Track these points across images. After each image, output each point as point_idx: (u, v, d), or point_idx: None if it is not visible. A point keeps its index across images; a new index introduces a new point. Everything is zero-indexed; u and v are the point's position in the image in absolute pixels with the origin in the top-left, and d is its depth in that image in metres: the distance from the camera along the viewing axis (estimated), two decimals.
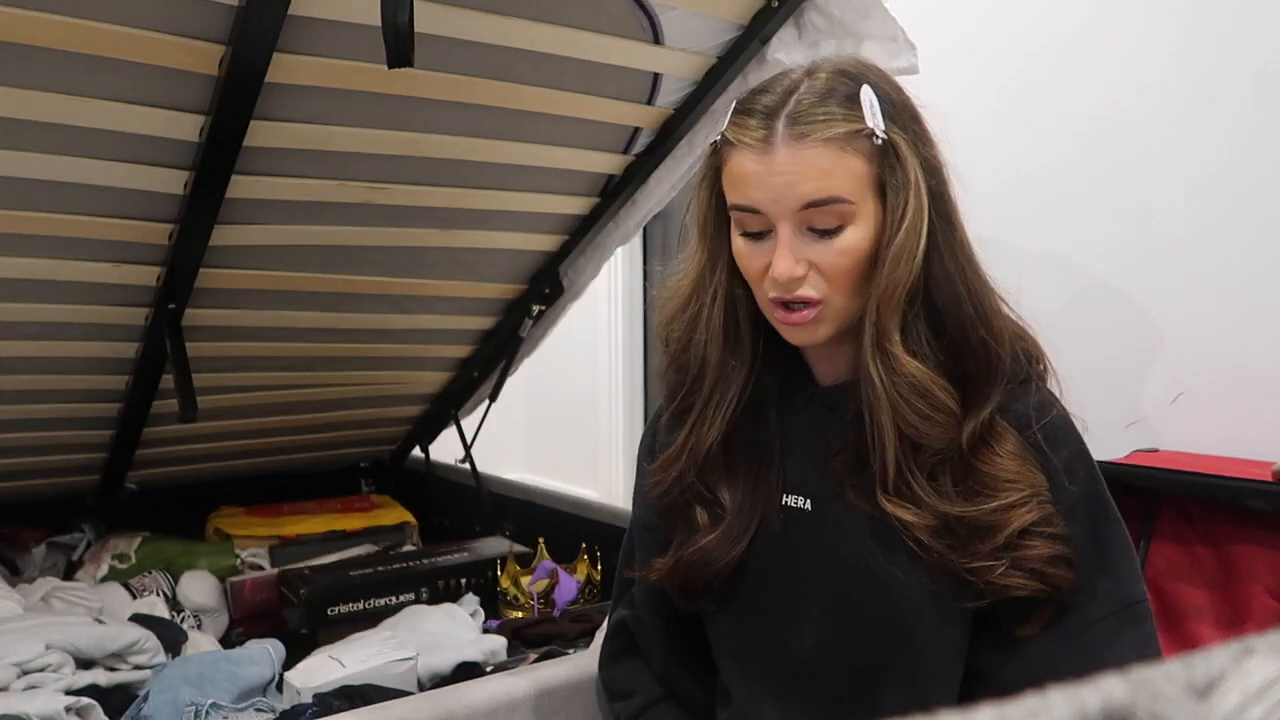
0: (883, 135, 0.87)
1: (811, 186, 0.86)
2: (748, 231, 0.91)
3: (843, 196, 0.86)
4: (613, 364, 3.21)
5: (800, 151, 0.86)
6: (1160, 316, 1.76)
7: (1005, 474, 0.88)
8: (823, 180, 0.86)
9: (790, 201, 0.86)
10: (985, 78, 1.94)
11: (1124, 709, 0.24)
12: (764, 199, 0.87)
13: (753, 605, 1.00)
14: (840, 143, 0.86)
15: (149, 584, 1.87)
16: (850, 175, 0.86)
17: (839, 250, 0.88)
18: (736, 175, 0.89)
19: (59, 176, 1.35)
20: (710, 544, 0.98)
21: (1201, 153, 1.70)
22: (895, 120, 0.88)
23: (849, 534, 0.93)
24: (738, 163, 0.89)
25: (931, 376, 0.88)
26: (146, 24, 1.18)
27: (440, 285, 1.87)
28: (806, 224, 0.87)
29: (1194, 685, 0.24)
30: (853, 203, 0.87)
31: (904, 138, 0.88)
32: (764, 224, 0.89)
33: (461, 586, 1.89)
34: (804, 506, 0.97)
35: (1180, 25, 1.72)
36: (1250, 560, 1.51)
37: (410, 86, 1.38)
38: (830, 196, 0.86)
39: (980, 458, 0.88)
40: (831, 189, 0.86)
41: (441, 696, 1.20)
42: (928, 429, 0.87)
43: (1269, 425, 1.61)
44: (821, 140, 0.86)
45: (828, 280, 0.88)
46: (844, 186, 0.86)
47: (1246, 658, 0.24)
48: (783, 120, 0.87)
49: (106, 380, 1.82)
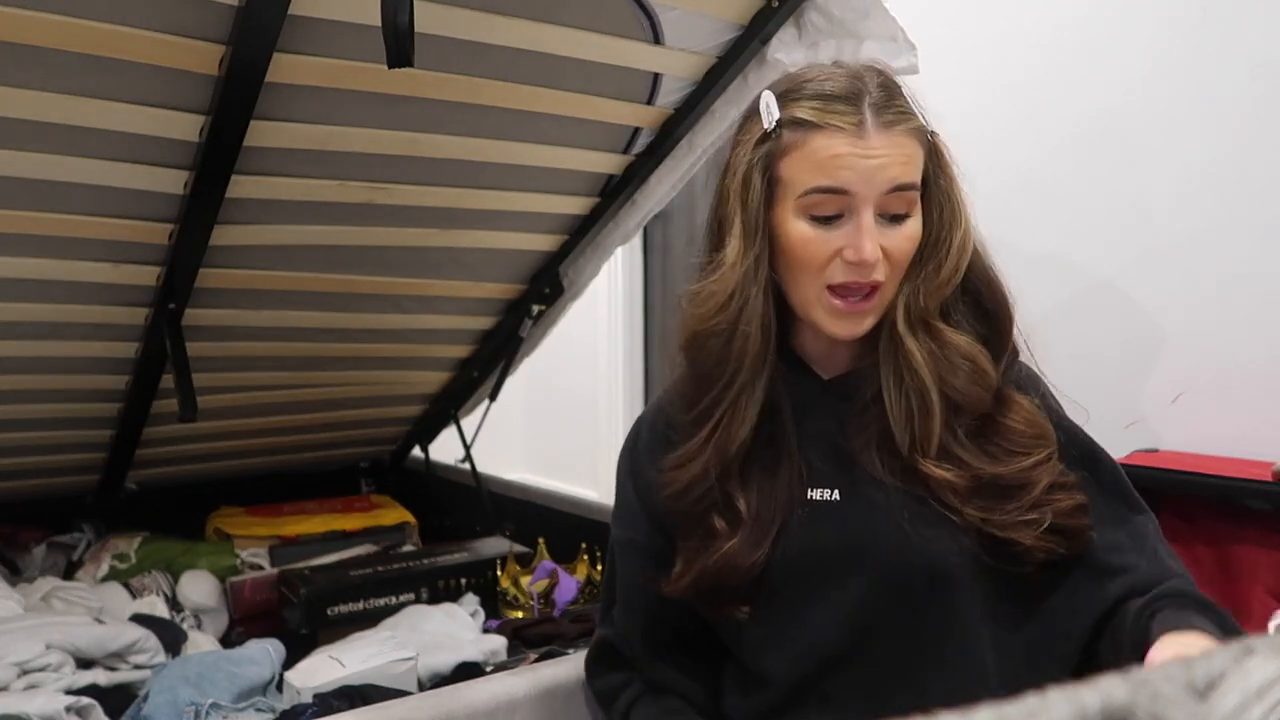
0: (933, 131, 0.95)
1: (900, 170, 0.91)
2: (818, 216, 0.92)
3: (918, 184, 0.94)
4: (613, 364, 3.21)
5: (892, 137, 0.91)
6: (1160, 316, 1.76)
7: (1032, 430, 0.95)
8: (909, 165, 0.92)
9: (881, 184, 0.90)
10: (985, 77, 1.94)
11: (1124, 709, 0.24)
12: (856, 179, 0.90)
13: (787, 602, 0.99)
14: (917, 135, 0.93)
15: (149, 584, 1.87)
16: (920, 165, 0.94)
17: (906, 236, 0.93)
18: (824, 156, 0.91)
19: (59, 176, 1.35)
20: (733, 549, 0.97)
21: (1201, 152, 1.70)
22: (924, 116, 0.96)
23: (884, 513, 0.96)
24: (825, 144, 0.91)
25: (971, 343, 0.95)
26: (146, 24, 1.18)
27: (440, 285, 1.87)
28: (884, 210, 0.92)
29: (1194, 685, 0.24)
30: (918, 189, 0.94)
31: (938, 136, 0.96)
32: (842, 207, 0.91)
33: (461, 586, 1.89)
34: (832, 498, 0.99)
35: (1180, 24, 1.72)
36: (1250, 560, 1.51)
37: (410, 86, 1.38)
38: (912, 182, 0.93)
39: (1009, 417, 0.96)
40: (913, 175, 0.93)
41: (441, 696, 1.20)
42: (972, 392, 0.94)
43: (1269, 425, 1.61)
44: (907, 130, 0.92)
45: (891, 266, 0.94)
46: (918, 175, 0.94)
47: (1246, 658, 0.24)
48: (870, 108, 0.91)
49: (106, 380, 1.82)
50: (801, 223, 0.92)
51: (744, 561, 0.97)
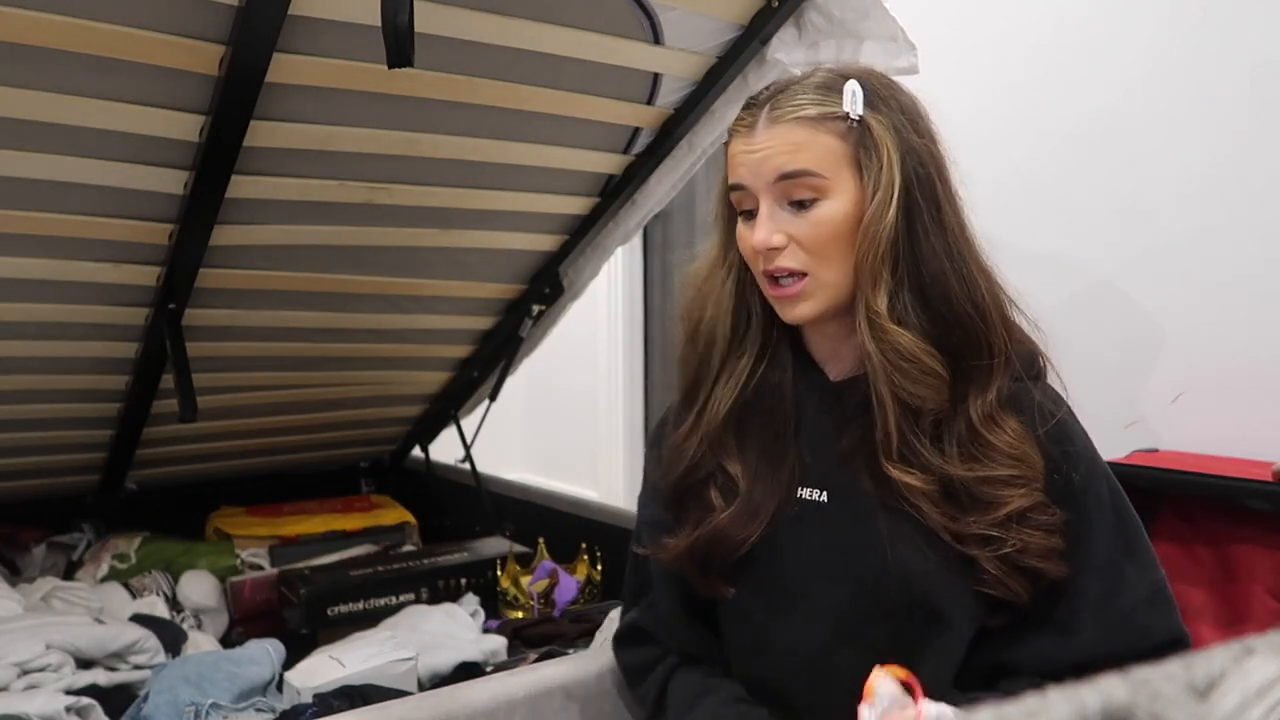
0: (857, 117, 0.94)
1: (783, 159, 0.94)
2: (742, 211, 0.99)
3: (813, 170, 0.94)
4: (613, 364, 3.21)
5: (776, 129, 0.95)
6: (1160, 316, 1.76)
7: (1006, 447, 0.93)
8: (794, 154, 0.94)
9: (766, 174, 0.95)
10: (985, 77, 1.94)
11: (1124, 709, 0.24)
12: (747, 174, 0.96)
13: (765, 597, 1.01)
14: (812, 122, 0.94)
15: (149, 584, 1.87)
16: (823, 151, 0.94)
17: (813, 222, 0.94)
18: (729, 158, 0.99)
19: (59, 176, 1.35)
20: (726, 521, 1.00)
21: (1202, 152, 1.70)
22: (879, 109, 0.95)
23: (866, 523, 0.96)
24: (732, 146, 0.99)
25: (916, 341, 0.93)
26: (146, 24, 1.18)
27: (440, 285, 1.87)
28: (784, 197, 0.95)
29: (1194, 685, 0.24)
30: (825, 176, 0.94)
31: (885, 124, 0.94)
32: (752, 201, 0.97)
33: (461, 586, 1.89)
34: (820, 499, 1.00)
35: (1180, 25, 1.72)
36: (1250, 560, 1.51)
37: (410, 86, 1.38)
38: (800, 169, 0.94)
39: (985, 428, 0.94)
40: (801, 162, 0.94)
41: (441, 696, 1.20)
42: (919, 391, 0.93)
43: (1269, 425, 1.61)
44: (794, 119, 0.94)
45: (807, 252, 0.95)
46: (815, 161, 0.94)
47: (1246, 658, 0.24)
48: (767, 106, 0.97)
49: (106, 380, 1.82)
50: (739, 219, 1.00)
51: (734, 535, 1.00)
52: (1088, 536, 0.95)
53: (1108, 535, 0.95)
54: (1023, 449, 0.93)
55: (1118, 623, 0.94)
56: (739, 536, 1.00)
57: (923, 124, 0.97)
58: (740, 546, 1.00)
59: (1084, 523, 0.95)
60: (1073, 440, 0.96)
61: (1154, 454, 1.66)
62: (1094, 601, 0.94)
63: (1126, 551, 0.96)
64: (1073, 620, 0.94)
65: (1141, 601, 0.95)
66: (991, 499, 0.91)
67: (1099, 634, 0.94)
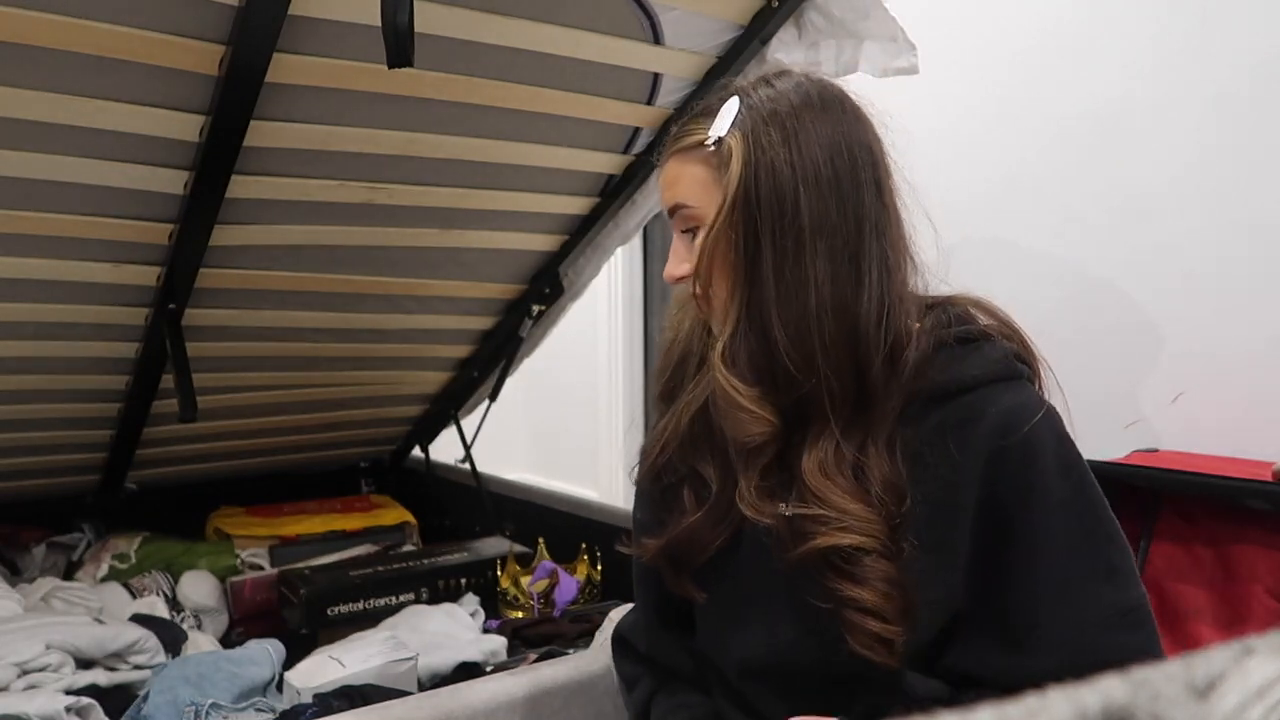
0: (714, 141, 0.92)
1: (670, 193, 0.97)
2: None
3: (683, 202, 0.95)
4: (613, 364, 3.21)
5: (671, 164, 0.97)
6: (1160, 316, 1.76)
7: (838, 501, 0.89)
8: (674, 187, 0.96)
9: (667, 205, 0.97)
10: (985, 77, 1.94)
11: (1124, 709, 0.24)
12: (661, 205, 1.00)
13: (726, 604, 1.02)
14: (684, 154, 0.95)
15: (149, 584, 1.87)
16: (692, 182, 0.94)
17: (695, 250, 0.95)
18: None
19: (59, 176, 1.35)
20: (698, 522, 1.00)
21: (1202, 152, 1.70)
22: (747, 126, 0.90)
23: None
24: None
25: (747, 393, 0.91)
26: (146, 24, 1.18)
27: (440, 285, 1.87)
28: (679, 228, 0.97)
29: (1194, 685, 0.24)
30: (695, 206, 0.94)
31: (743, 140, 0.90)
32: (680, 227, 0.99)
33: (461, 586, 1.89)
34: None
35: (1179, 23, 1.72)
36: (1250, 560, 1.51)
37: (410, 86, 1.38)
38: (674, 204, 0.96)
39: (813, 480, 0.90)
40: (676, 196, 0.96)
41: (441, 696, 1.20)
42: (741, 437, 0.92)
43: (1269, 425, 1.61)
44: (675, 153, 0.96)
45: (698, 279, 0.95)
46: (686, 193, 0.95)
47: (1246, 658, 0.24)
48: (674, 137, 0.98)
49: (106, 380, 1.82)
50: None
51: (705, 538, 1.00)
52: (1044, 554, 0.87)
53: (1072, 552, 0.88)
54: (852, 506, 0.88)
55: (1082, 648, 0.87)
56: (707, 539, 1.00)
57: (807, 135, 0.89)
58: (708, 549, 1.00)
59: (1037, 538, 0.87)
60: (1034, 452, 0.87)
61: (1154, 454, 1.66)
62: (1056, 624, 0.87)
63: (1097, 570, 0.88)
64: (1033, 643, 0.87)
65: (1110, 626, 0.87)
66: (796, 534, 0.90)
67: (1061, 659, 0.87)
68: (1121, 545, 0.91)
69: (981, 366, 0.91)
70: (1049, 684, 0.56)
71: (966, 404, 0.90)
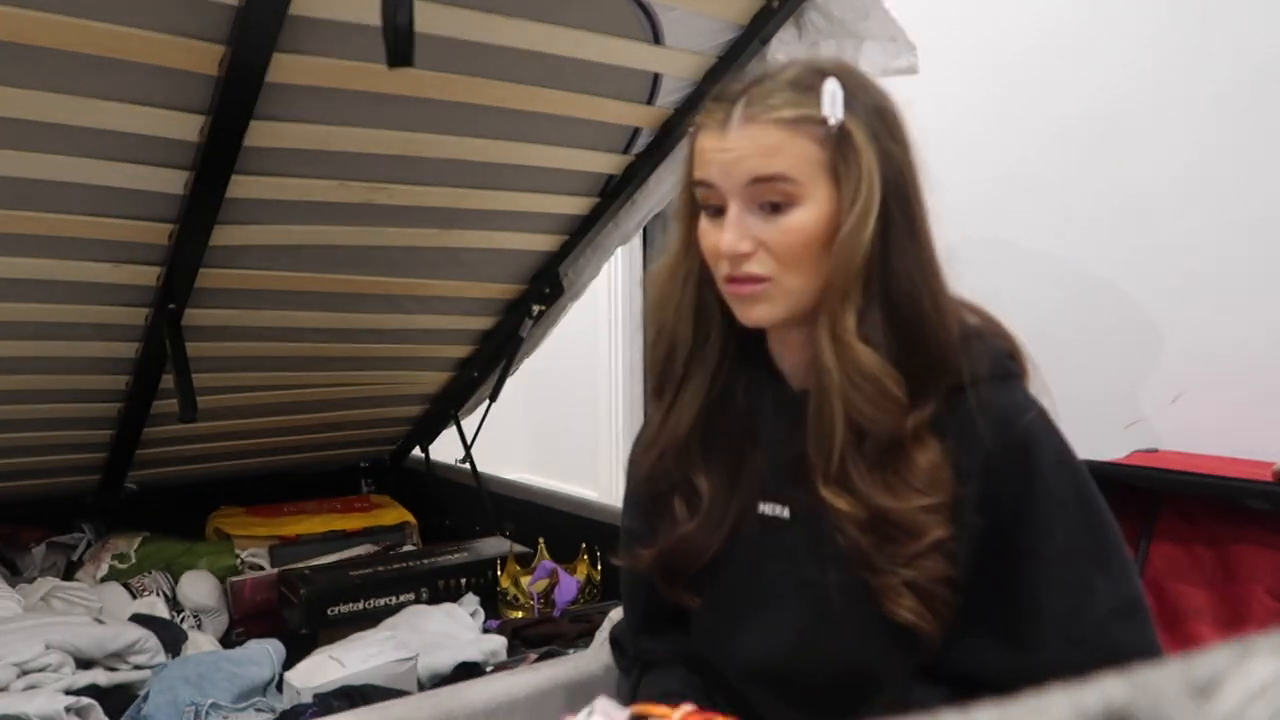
0: (836, 123, 0.89)
1: (757, 162, 0.90)
2: (707, 209, 0.94)
3: (787, 174, 0.89)
4: (613, 364, 3.21)
5: (750, 130, 0.90)
6: (1159, 316, 1.76)
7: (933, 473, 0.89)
8: (768, 157, 0.90)
9: (739, 176, 0.90)
10: (983, 76, 1.94)
11: (1124, 709, 0.24)
12: (718, 173, 0.92)
13: (725, 611, 1.01)
14: (790, 124, 0.90)
15: (149, 584, 1.87)
16: (798, 156, 0.90)
17: (784, 229, 0.90)
18: (697, 153, 0.95)
19: (59, 176, 1.35)
20: (691, 532, 0.99)
21: (1202, 152, 1.70)
22: (859, 114, 0.91)
23: (818, 541, 0.93)
24: (700, 141, 0.94)
25: (883, 365, 0.89)
26: (146, 24, 1.18)
27: (440, 285, 1.87)
28: (755, 201, 0.91)
29: (1194, 685, 0.24)
30: (798, 182, 0.90)
31: (864, 130, 0.90)
32: (720, 200, 0.93)
33: (461, 586, 1.89)
34: (782, 514, 0.97)
35: (1179, 23, 1.72)
36: (1250, 560, 1.51)
37: (410, 86, 1.38)
38: (774, 174, 0.89)
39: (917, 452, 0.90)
40: (775, 166, 0.89)
41: (441, 696, 1.20)
42: (876, 416, 0.89)
43: (1269, 425, 1.61)
44: (771, 120, 0.90)
45: (775, 259, 0.91)
46: (790, 165, 0.89)
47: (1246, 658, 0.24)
48: (741, 102, 0.92)
49: (106, 380, 1.82)
50: (702, 217, 0.95)
51: (697, 546, 0.99)
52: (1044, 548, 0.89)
53: (1071, 546, 0.90)
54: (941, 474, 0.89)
55: (1083, 638, 0.89)
56: (702, 549, 0.99)
57: (899, 129, 0.93)
58: (703, 557, 0.99)
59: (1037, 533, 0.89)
60: (1032, 449, 0.90)
61: (1154, 454, 1.66)
62: (1056, 616, 0.89)
63: (1096, 563, 0.90)
64: (1034, 636, 0.89)
65: (1110, 616, 0.89)
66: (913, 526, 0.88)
67: (1062, 650, 0.88)
68: (1118, 538, 0.93)
69: (975, 363, 0.92)
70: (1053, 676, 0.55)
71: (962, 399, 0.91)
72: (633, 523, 1.09)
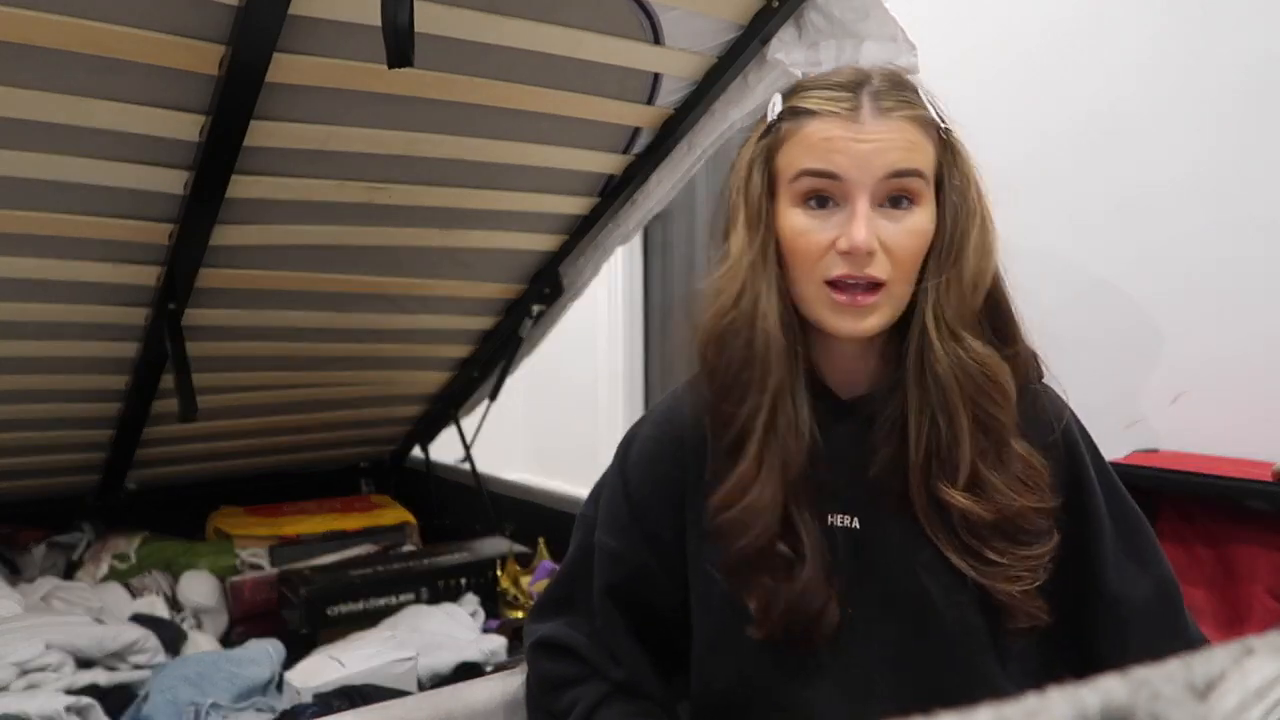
0: (946, 127, 0.91)
1: (899, 155, 0.86)
2: (812, 204, 0.88)
3: (924, 171, 0.88)
4: (613, 364, 3.21)
5: (889, 122, 0.87)
6: (1160, 316, 1.76)
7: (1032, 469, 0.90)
8: (910, 151, 0.87)
9: (877, 169, 0.86)
10: (984, 76, 1.94)
11: (1124, 709, 0.24)
12: (849, 164, 0.86)
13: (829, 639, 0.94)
14: (921, 123, 0.89)
15: (149, 584, 1.87)
16: (927, 156, 0.89)
17: (908, 230, 0.87)
18: (816, 140, 0.88)
19: (59, 176, 1.35)
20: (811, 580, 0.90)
21: (1202, 151, 1.70)
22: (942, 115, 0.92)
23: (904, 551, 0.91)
24: (819, 128, 0.88)
25: (998, 359, 0.90)
26: (146, 24, 1.18)
27: (440, 285, 1.87)
28: (882, 198, 0.87)
29: (1194, 685, 0.24)
30: (929, 181, 0.89)
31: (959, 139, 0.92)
32: (836, 193, 0.87)
33: (461, 586, 1.89)
34: (853, 526, 0.94)
35: (1179, 20, 1.72)
36: (1250, 560, 1.51)
37: (410, 86, 1.38)
38: (914, 169, 0.87)
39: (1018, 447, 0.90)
40: (915, 162, 0.87)
41: (441, 696, 1.20)
42: (999, 413, 0.89)
43: (1269, 425, 1.61)
44: (907, 116, 0.88)
45: (894, 262, 0.87)
46: (924, 163, 0.88)
47: (1246, 658, 0.24)
48: (867, 94, 0.88)
49: (106, 380, 1.82)
50: (797, 212, 0.89)
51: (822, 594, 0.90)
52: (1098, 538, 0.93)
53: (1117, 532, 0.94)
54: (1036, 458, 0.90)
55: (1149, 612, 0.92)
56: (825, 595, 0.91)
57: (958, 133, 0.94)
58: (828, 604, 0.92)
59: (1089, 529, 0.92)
60: (1075, 444, 0.95)
61: (1154, 454, 1.66)
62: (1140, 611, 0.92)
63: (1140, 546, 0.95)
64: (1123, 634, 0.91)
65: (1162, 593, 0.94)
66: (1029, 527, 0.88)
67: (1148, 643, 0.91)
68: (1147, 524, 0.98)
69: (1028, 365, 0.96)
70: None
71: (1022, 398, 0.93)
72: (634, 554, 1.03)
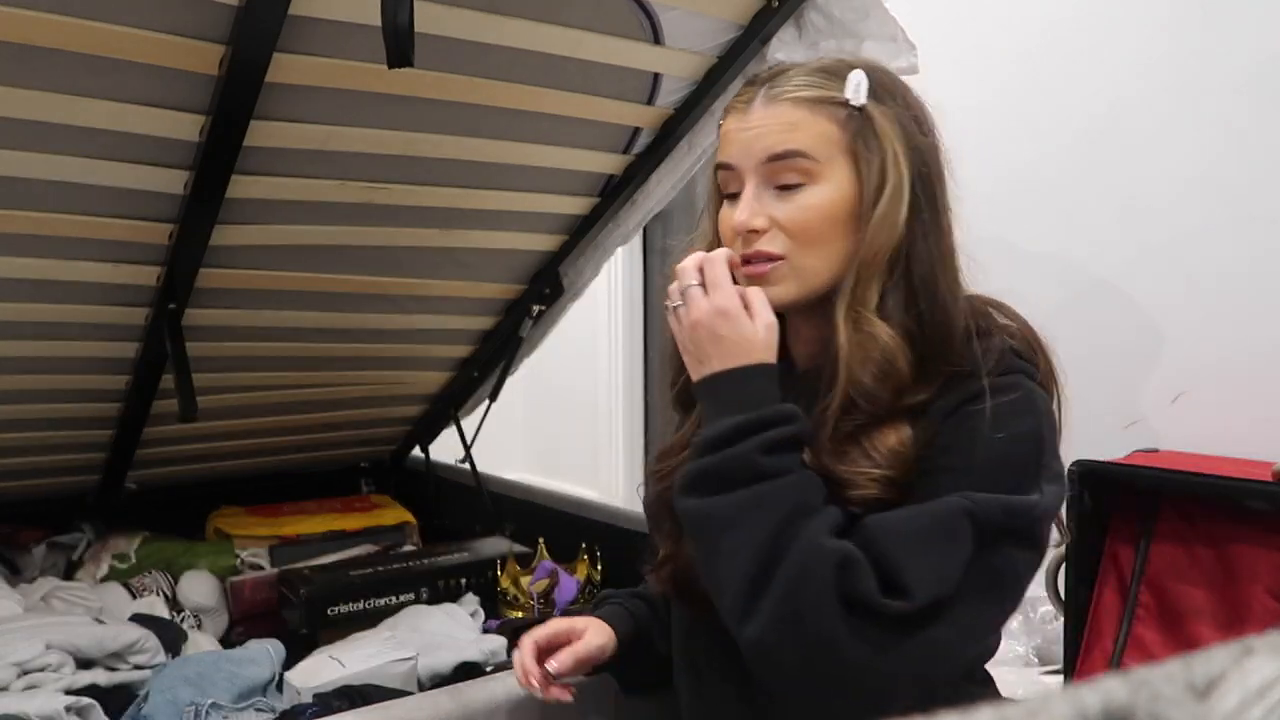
0: (858, 106, 0.91)
1: (776, 139, 0.92)
2: (727, 194, 0.96)
3: (805, 152, 0.91)
4: (613, 364, 3.21)
5: (772, 108, 0.93)
6: (1160, 316, 1.76)
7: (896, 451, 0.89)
8: (787, 134, 0.92)
9: (756, 154, 0.93)
10: (984, 76, 1.94)
11: (1124, 709, 0.24)
12: (738, 153, 0.94)
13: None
14: (810, 103, 0.92)
15: (149, 584, 1.87)
16: (817, 135, 0.92)
17: (800, 206, 0.92)
18: (722, 137, 0.97)
19: (59, 176, 1.35)
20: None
21: (1201, 150, 1.70)
22: (884, 102, 0.93)
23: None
24: (726, 124, 0.97)
25: (899, 343, 0.90)
26: (146, 24, 1.18)
27: (440, 285, 1.87)
28: (771, 180, 0.93)
29: (1194, 685, 0.24)
30: (816, 160, 0.92)
31: (889, 117, 0.92)
32: (738, 182, 0.94)
33: (461, 586, 1.89)
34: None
35: (1179, 21, 1.72)
36: (1250, 560, 1.51)
37: (410, 86, 1.38)
38: (793, 150, 0.91)
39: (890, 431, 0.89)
40: (794, 142, 0.91)
41: (441, 696, 1.20)
42: (876, 392, 0.89)
43: (1269, 425, 1.61)
44: (791, 100, 0.92)
45: (790, 237, 0.92)
46: (808, 143, 0.92)
47: (1246, 658, 0.24)
48: (765, 86, 0.95)
49: (106, 380, 1.82)
50: (722, 203, 0.97)
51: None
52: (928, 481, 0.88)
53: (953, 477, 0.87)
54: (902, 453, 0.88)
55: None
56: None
57: (928, 124, 0.96)
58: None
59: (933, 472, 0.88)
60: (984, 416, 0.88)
61: (1154, 454, 1.66)
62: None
63: (937, 530, 0.85)
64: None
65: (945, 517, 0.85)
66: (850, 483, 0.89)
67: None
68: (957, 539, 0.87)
69: (985, 359, 0.92)
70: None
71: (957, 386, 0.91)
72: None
